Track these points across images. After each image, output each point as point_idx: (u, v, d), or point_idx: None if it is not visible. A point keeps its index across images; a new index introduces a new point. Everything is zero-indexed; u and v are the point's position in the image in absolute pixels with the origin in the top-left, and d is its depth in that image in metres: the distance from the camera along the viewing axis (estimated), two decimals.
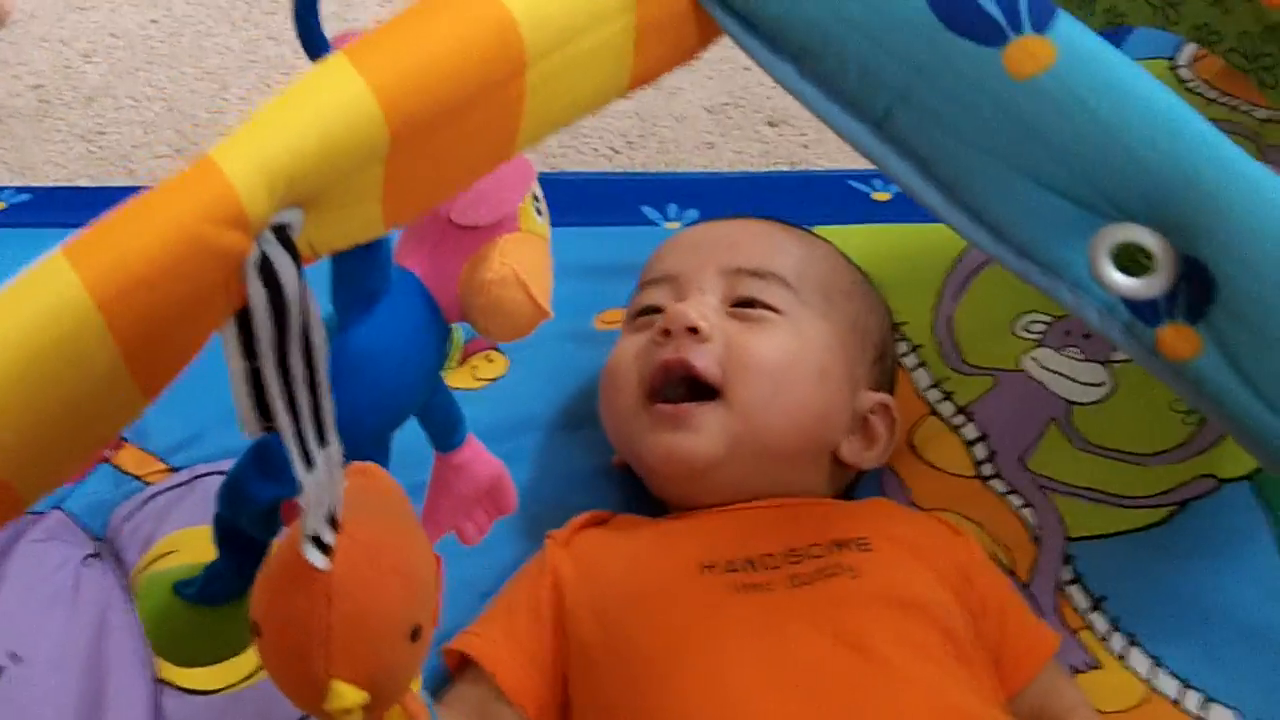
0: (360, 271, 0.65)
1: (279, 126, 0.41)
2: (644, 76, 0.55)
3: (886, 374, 1.09)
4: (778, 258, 1.03)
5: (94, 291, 0.37)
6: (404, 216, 0.48)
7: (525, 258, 0.68)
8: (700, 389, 0.96)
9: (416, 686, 0.63)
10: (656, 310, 1.02)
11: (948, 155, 0.58)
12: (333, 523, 0.52)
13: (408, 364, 0.69)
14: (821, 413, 0.98)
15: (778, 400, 0.95)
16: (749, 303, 0.99)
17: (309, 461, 0.48)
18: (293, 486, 0.63)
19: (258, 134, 0.41)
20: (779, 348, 0.97)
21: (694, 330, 0.96)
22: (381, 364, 0.67)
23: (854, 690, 0.80)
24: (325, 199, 0.43)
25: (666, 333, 0.97)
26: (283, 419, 0.45)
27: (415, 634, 0.55)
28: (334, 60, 0.43)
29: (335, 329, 0.66)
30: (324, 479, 0.49)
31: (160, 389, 0.42)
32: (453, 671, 0.92)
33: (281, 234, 0.42)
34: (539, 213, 0.71)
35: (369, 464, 0.59)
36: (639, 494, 1.05)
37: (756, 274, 1.01)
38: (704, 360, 0.95)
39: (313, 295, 0.44)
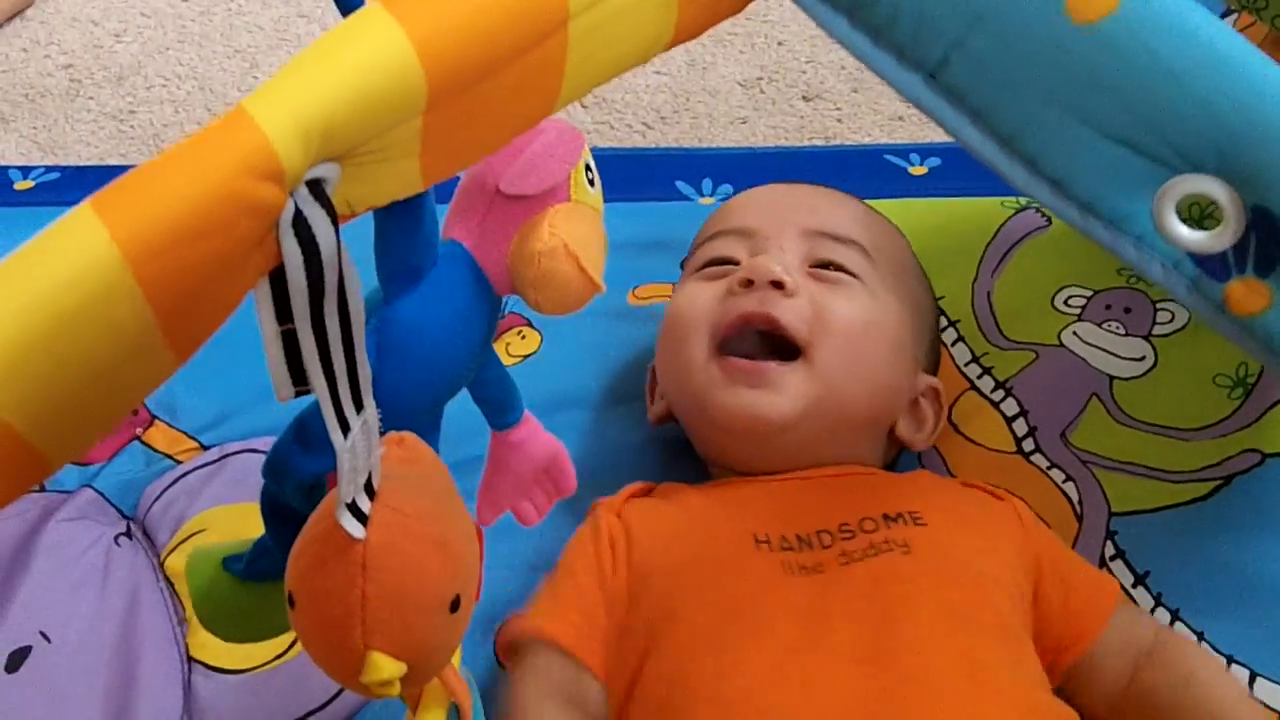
0: (406, 243, 0.63)
1: (314, 77, 0.40)
2: (688, 31, 0.53)
3: (936, 358, 1.08)
4: (857, 226, 1.02)
5: (124, 247, 0.36)
6: (443, 173, 0.46)
7: (576, 229, 0.66)
8: (777, 346, 0.93)
9: (457, 661, 0.62)
10: (730, 261, 0.99)
11: (1005, 106, 0.56)
12: (369, 490, 0.51)
13: (455, 338, 0.67)
14: (893, 384, 0.97)
15: (858, 366, 0.93)
16: (828, 265, 0.97)
17: (344, 427, 0.47)
18: (333, 460, 0.63)
19: (293, 85, 0.39)
20: (863, 312, 0.95)
21: (778, 285, 0.93)
22: (428, 338, 0.65)
23: (910, 672, 0.77)
24: (362, 154, 0.42)
25: (748, 283, 0.94)
26: (318, 382, 0.44)
27: (455, 605, 0.54)
28: (371, 9, 0.41)
29: (381, 302, 0.65)
30: (360, 445, 0.48)
31: (193, 350, 0.40)
32: (500, 652, 0.90)
33: (317, 189, 0.40)
34: (591, 183, 0.69)
35: (406, 434, 0.58)
36: (678, 466, 1.04)
37: (838, 239, 0.99)
38: (791, 316, 0.92)
39: (349, 254, 0.43)
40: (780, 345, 0.93)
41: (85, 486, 1.09)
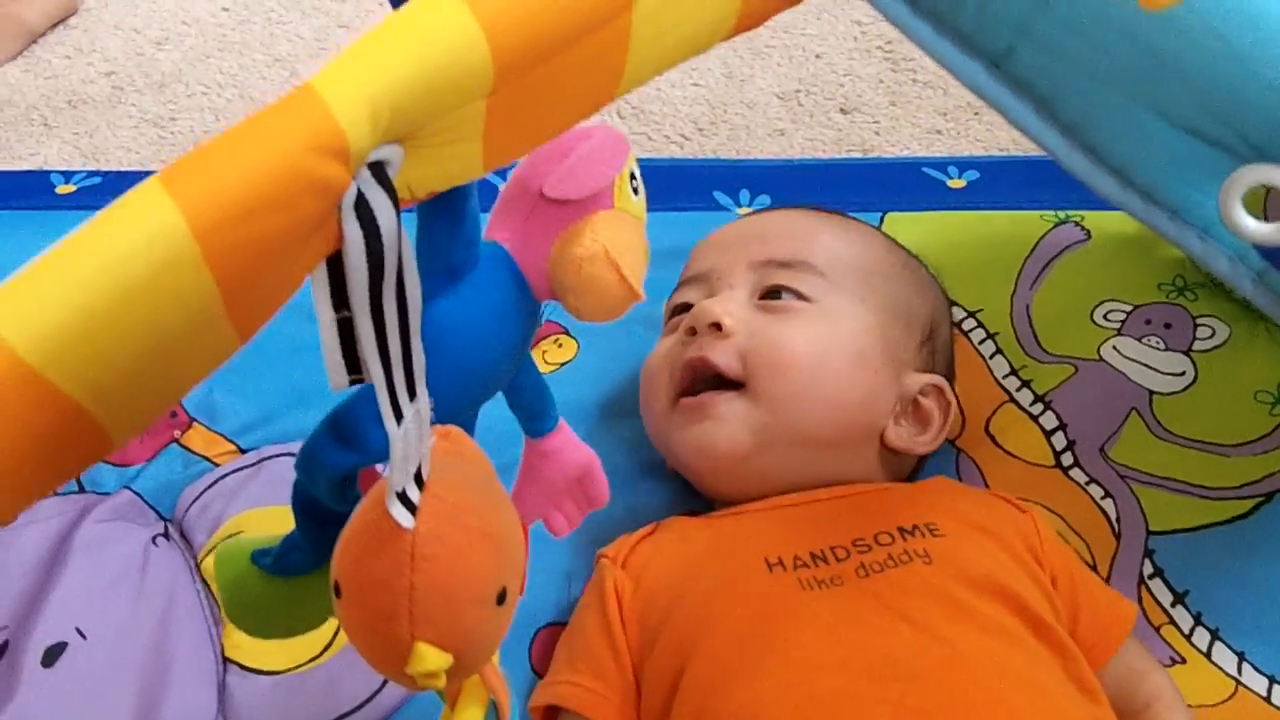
0: (449, 241, 0.63)
1: (381, 56, 0.40)
2: (751, 18, 0.53)
3: (940, 355, 1.06)
4: (807, 246, 1.01)
5: (191, 220, 0.35)
6: (504, 158, 0.46)
7: (618, 236, 0.65)
8: (726, 384, 0.95)
9: (496, 660, 0.62)
10: (689, 308, 1.01)
11: (1071, 93, 0.55)
12: (419, 481, 0.51)
13: (493, 338, 0.67)
14: (861, 399, 0.96)
15: (808, 390, 0.94)
16: (777, 292, 0.98)
17: (398, 415, 0.46)
18: (367, 455, 0.63)
19: (359, 63, 0.39)
20: (807, 337, 0.95)
21: (717, 327, 0.95)
22: (465, 339, 0.65)
23: (941, 680, 0.76)
24: (425, 136, 0.42)
25: (693, 331, 0.97)
26: (374, 369, 0.44)
27: (501, 598, 0.54)
28: None
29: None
30: (412, 433, 0.48)
31: (254, 330, 0.40)
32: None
33: (379, 172, 0.40)
34: (635, 191, 0.69)
35: (451, 427, 0.58)
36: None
37: (785, 264, 0.99)
38: (723, 356, 0.94)
39: (408, 240, 0.43)
40: (729, 384, 0.95)
41: (123, 488, 1.09)
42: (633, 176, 0.69)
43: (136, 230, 0.35)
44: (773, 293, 0.98)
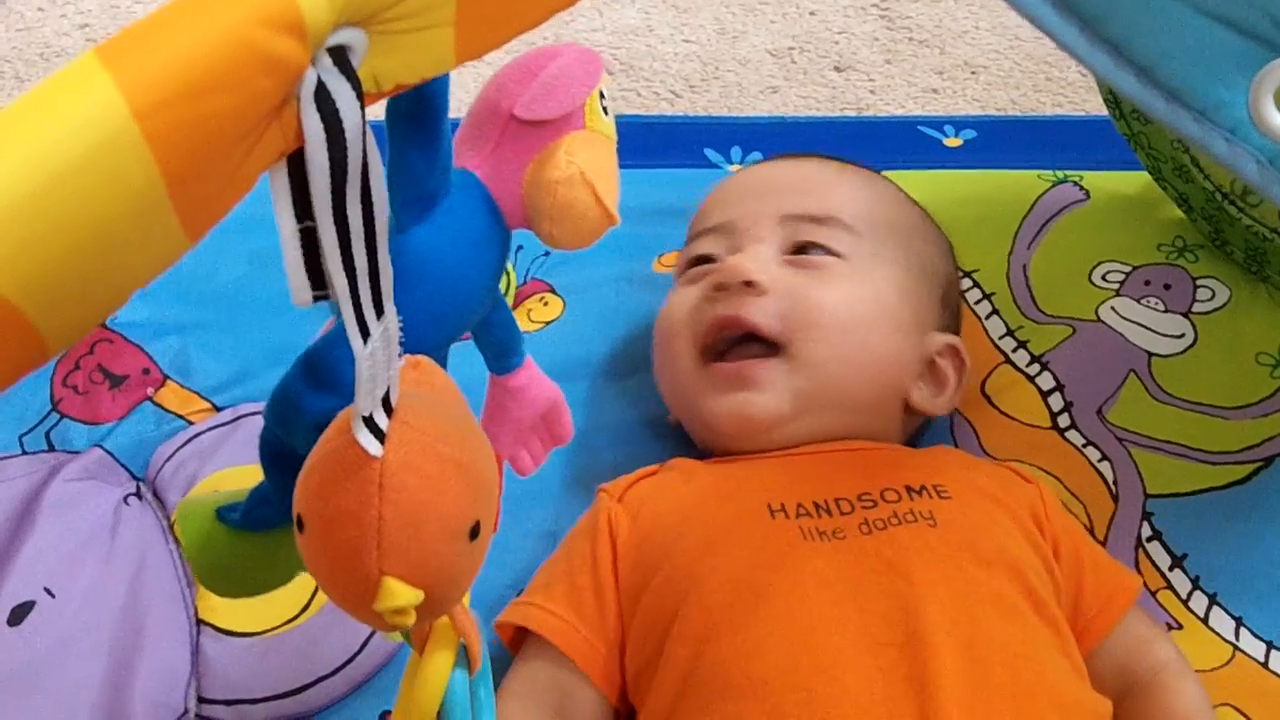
0: (424, 167, 0.60)
1: None
2: None
3: (953, 314, 1.04)
4: (838, 200, 0.99)
5: (130, 98, 0.32)
6: (478, 48, 0.43)
7: (593, 157, 0.63)
8: (759, 344, 0.92)
9: (466, 601, 0.59)
10: (710, 260, 0.98)
11: None
12: (387, 407, 0.48)
13: (470, 270, 0.64)
14: (892, 360, 0.94)
15: (846, 352, 0.91)
16: (809, 248, 0.95)
17: (364, 333, 0.44)
18: (346, 396, 0.60)
19: None
20: (844, 296, 0.93)
21: (751, 284, 0.92)
22: (443, 269, 0.63)
23: (936, 646, 0.75)
24: (390, 19, 0.39)
25: (722, 287, 0.93)
26: (338, 279, 0.41)
27: (474, 532, 0.51)
28: None
29: (393, 232, 0.62)
30: (380, 353, 0.45)
31: (204, 228, 0.37)
32: (508, 644, 0.87)
33: (341, 58, 0.37)
34: (605, 111, 0.67)
35: (421, 357, 0.55)
36: (692, 445, 1.01)
37: (816, 219, 0.97)
38: (763, 316, 0.91)
39: (374, 137, 0.40)
40: (763, 343, 0.92)
41: (95, 446, 1.07)
42: (603, 95, 0.67)
43: (71, 109, 0.32)
44: (804, 248, 0.95)
